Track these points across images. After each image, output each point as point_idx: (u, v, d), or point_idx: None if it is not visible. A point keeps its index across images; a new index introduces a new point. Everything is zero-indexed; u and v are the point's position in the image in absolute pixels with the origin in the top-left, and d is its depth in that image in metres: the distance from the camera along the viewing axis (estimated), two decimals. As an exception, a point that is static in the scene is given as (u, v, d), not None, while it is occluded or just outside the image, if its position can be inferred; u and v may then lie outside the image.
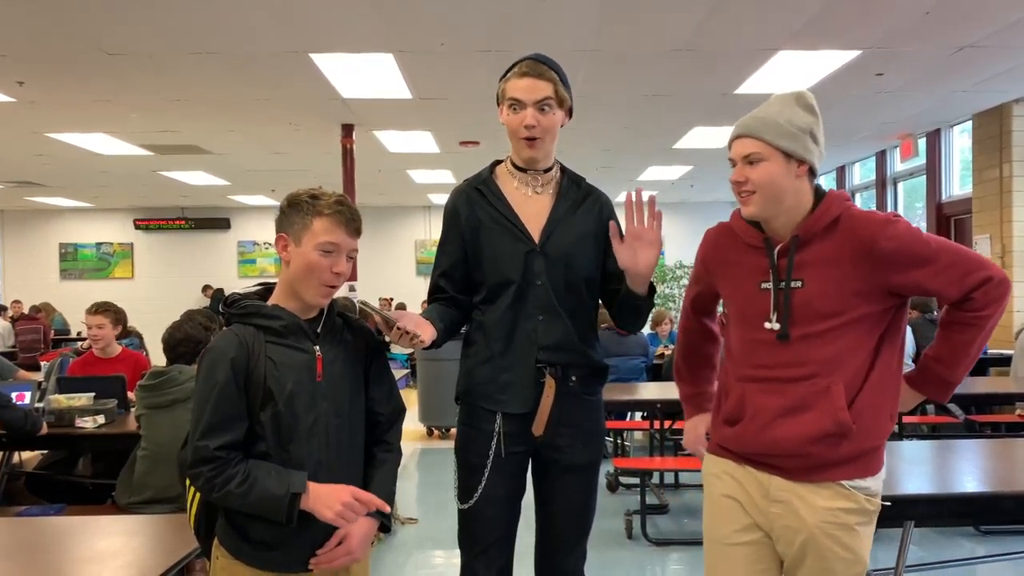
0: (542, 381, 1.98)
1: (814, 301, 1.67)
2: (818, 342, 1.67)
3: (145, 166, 10.09)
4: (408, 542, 4.28)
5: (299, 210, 1.68)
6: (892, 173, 9.82)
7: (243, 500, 1.59)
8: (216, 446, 1.58)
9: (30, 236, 15.27)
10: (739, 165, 1.71)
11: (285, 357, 1.66)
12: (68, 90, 6.37)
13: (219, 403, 1.61)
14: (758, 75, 6.12)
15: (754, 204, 1.71)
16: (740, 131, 1.72)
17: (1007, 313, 7.24)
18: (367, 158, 9.31)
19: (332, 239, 1.65)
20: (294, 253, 1.67)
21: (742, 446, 1.76)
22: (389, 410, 1.83)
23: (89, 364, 4.36)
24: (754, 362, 1.74)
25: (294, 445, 1.65)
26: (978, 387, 5.03)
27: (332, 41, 5.26)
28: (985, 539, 4.11)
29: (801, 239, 1.70)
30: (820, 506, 1.67)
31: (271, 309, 1.69)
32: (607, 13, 4.81)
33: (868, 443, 1.68)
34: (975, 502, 2.34)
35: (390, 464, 1.81)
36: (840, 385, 1.65)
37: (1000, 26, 5.10)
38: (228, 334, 1.68)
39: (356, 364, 1.78)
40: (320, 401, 1.68)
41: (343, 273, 1.68)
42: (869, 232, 1.65)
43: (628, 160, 10.14)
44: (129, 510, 3.13)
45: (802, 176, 1.69)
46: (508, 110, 1.97)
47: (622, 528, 4.39)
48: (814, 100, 1.74)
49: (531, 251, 1.98)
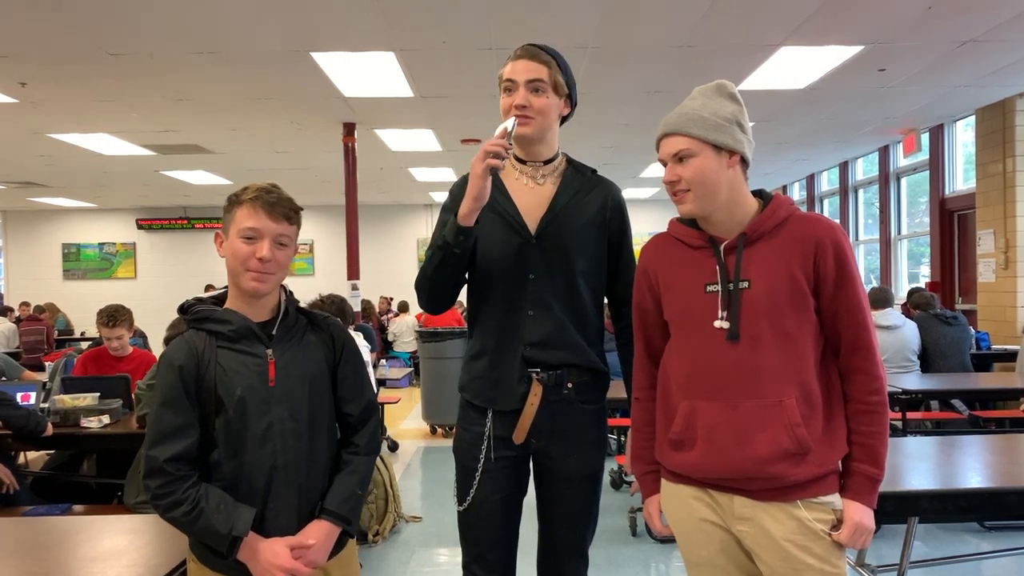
0: (530, 378, 1.93)
1: (762, 301, 1.62)
2: (766, 348, 1.62)
3: (147, 166, 10.10)
4: (412, 540, 4.28)
5: (228, 205, 1.69)
6: (895, 168, 9.81)
7: (187, 528, 1.59)
8: (165, 458, 1.56)
9: (33, 236, 15.31)
10: (670, 164, 1.68)
11: (235, 363, 1.63)
12: (70, 90, 6.39)
13: (165, 412, 1.60)
14: (760, 71, 6.11)
15: (689, 202, 1.67)
16: (666, 129, 1.69)
17: (1012, 308, 7.22)
18: (369, 156, 9.32)
19: (251, 224, 1.63)
20: (225, 247, 1.67)
21: (700, 472, 1.69)
22: (358, 411, 1.78)
23: (99, 360, 4.37)
24: (701, 373, 1.68)
25: (246, 453, 1.62)
26: (982, 382, 5.02)
27: (333, 40, 5.26)
28: (989, 535, 4.11)
29: (748, 237, 1.67)
30: (786, 519, 1.62)
31: (222, 313, 1.67)
32: (608, 10, 4.81)
33: (828, 467, 1.63)
34: (979, 498, 2.33)
35: (355, 466, 1.75)
36: (792, 399, 1.60)
37: (1002, 20, 5.09)
38: (179, 341, 1.67)
39: (319, 365, 1.73)
40: (273, 406, 1.64)
41: (267, 258, 1.62)
42: (815, 230, 1.63)
43: (630, 157, 10.14)
44: (137, 509, 3.14)
45: (734, 167, 1.67)
46: (503, 93, 1.94)
47: (626, 525, 4.39)
48: (735, 88, 1.72)
49: (525, 243, 1.93)
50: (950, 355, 5.55)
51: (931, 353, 5.56)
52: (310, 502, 1.69)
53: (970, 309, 7.95)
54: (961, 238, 8.42)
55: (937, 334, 5.58)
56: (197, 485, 1.59)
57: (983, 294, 7.70)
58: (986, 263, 7.60)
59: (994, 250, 7.43)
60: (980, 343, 6.83)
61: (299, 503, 1.67)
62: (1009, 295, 7.29)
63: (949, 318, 5.67)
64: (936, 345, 5.56)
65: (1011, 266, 7.24)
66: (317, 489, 1.70)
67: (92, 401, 3.80)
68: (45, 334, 9.70)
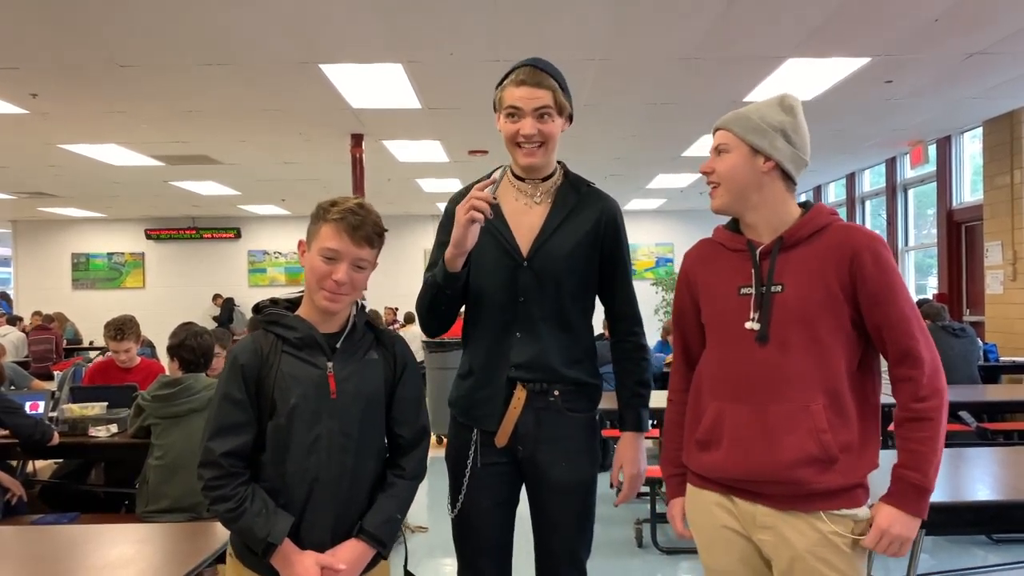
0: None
1: (793, 305, 1.64)
2: (795, 352, 1.62)
3: (156, 176, 10.17)
4: (418, 550, 4.28)
5: (315, 216, 1.68)
6: (902, 180, 9.79)
7: (228, 524, 1.62)
8: (221, 451, 1.59)
9: (43, 246, 15.40)
10: (711, 156, 1.75)
11: (296, 370, 1.64)
12: (81, 102, 6.44)
13: (223, 407, 1.62)
14: (767, 83, 6.12)
15: (718, 197, 1.73)
16: (716, 123, 1.76)
17: (1020, 320, 7.19)
18: (376, 167, 9.35)
19: (332, 245, 1.63)
20: (306, 259, 1.68)
21: (723, 473, 1.70)
22: (411, 434, 1.77)
23: (106, 371, 4.39)
24: (730, 374, 1.69)
25: (289, 461, 1.63)
26: (990, 395, 5.00)
27: (342, 52, 5.29)
28: (998, 547, 4.08)
29: (785, 242, 1.69)
30: (808, 531, 1.62)
31: (291, 319, 1.68)
32: (616, 22, 4.83)
33: (854, 479, 1.63)
34: (987, 510, 2.32)
35: (398, 490, 1.75)
36: (820, 405, 1.60)
37: (1009, 32, 5.09)
38: (247, 339, 1.69)
39: (378, 383, 1.73)
40: (325, 419, 1.64)
41: (343, 282, 1.63)
42: (855, 239, 1.64)
43: (637, 168, 10.15)
44: (146, 519, 3.15)
45: (769, 174, 1.69)
46: (506, 118, 1.89)
47: (632, 536, 4.38)
48: (798, 104, 1.75)
49: (517, 266, 1.91)
50: (958, 367, 5.53)
51: (939, 365, 5.53)
52: (348, 519, 1.69)
53: (978, 321, 7.91)
54: (969, 250, 8.40)
55: (945, 346, 5.56)
56: (247, 484, 1.61)
57: (991, 306, 7.67)
58: (994, 275, 7.58)
59: (1002, 262, 7.41)
60: (988, 355, 6.79)
61: (336, 519, 1.67)
62: (1017, 307, 7.25)
63: (957, 330, 5.64)
64: (944, 357, 5.43)
65: (1019, 278, 7.21)
66: (357, 507, 1.70)
67: (100, 410, 3.82)
68: (54, 343, 9.74)
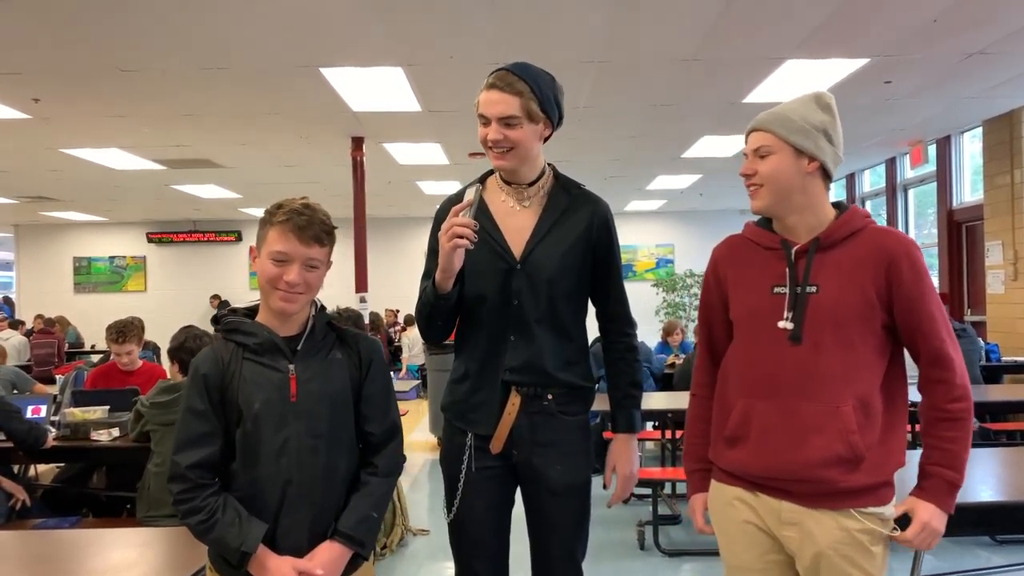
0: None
1: (828, 307, 1.64)
2: (827, 354, 1.63)
3: (158, 180, 10.18)
4: (419, 553, 4.28)
5: (262, 221, 1.68)
6: (902, 180, 9.79)
7: (200, 536, 1.62)
8: (187, 464, 1.59)
9: (44, 250, 15.42)
10: (750, 158, 1.72)
11: (257, 375, 1.64)
12: (82, 106, 6.46)
13: (189, 418, 1.63)
14: (766, 84, 6.12)
15: (761, 198, 1.71)
16: (754, 125, 1.73)
17: (1021, 320, 7.19)
18: (377, 170, 9.36)
19: (280, 248, 1.62)
20: (258, 264, 1.67)
21: (750, 470, 1.70)
22: (381, 430, 1.76)
23: (109, 375, 4.39)
24: (760, 372, 1.69)
25: (260, 466, 1.63)
26: (992, 395, 4.99)
27: (342, 55, 5.30)
28: (1001, 548, 4.07)
29: (822, 243, 1.68)
30: (833, 528, 1.63)
31: (250, 326, 1.68)
32: (615, 24, 4.84)
33: (881, 477, 1.64)
34: (991, 511, 2.31)
35: (372, 488, 1.72)
36: (849, 407, 1.61)
37: (1009, 32, 5.09)
38: (207, 350, 1.69)
39: (342, 382, 1.72)
40: (291, 421, 1.64)
41: (295, 282, 1.62)
42: (891, 245, 1.64)
43: (636, 169, 10.15)
44: (148, 523, 3.15)
45: (813, 174, 1.69)
46: (480, 122, 1.88)
47: (634, 539, 4.37)
48: (833, 101, 1.74)
49: (510, 269, 1.90)
50: (960, 367, 5.52)
51: (941, 365, 5.52)
52: (324, 521, 1.68)
53: (979, 321, 7.91)
54: (969, 249, 8.40)
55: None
56: (217, 495, 1.61)
57: (992, 305, 7.66)
58: (994, 274, 7.57)
59: (1002, 261, 7.40)
60: (990, 355, 6.79)
61: (312, 521, 1.67)
62: (1018, 306, 7.25)
63: (958, 330, 5.63)
64: (946, 357, 5.52)
65: (1020, 277, 7.20)
66: (332, 508, 1.69)
67: (102, 414, 3.82)
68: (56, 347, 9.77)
